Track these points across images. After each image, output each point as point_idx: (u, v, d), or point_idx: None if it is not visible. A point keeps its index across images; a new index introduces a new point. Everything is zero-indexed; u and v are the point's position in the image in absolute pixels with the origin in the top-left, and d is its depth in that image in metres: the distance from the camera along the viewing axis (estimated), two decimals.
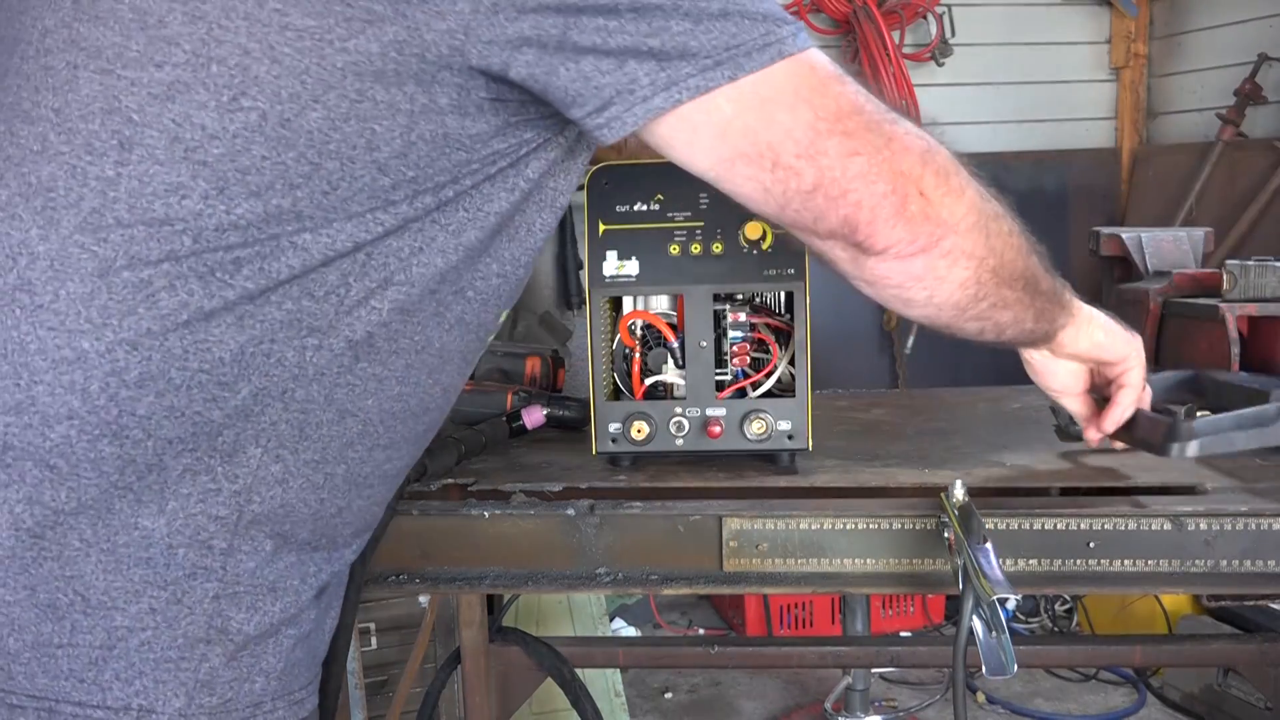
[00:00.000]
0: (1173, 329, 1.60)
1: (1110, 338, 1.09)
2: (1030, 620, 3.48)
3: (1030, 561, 1.11)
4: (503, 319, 0.97)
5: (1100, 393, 1.16)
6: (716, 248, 1.20)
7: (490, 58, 0.75)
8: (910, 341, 3.86)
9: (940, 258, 0.86)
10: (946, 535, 1.06)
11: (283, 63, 0.73)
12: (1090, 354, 1.10)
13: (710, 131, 0.79)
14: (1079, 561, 1.11)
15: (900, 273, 0.87)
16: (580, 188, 1.17)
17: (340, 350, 0.81)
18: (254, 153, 0.74)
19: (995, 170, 3.51)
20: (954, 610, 1.38)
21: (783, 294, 1.27)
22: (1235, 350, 1.48)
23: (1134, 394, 1.12)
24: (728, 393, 1.23)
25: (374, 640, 2.60)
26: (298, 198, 0.76)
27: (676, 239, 1.20)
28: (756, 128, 0.78)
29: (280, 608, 0.86)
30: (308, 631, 0.90)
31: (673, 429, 1.22)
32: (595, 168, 1.23)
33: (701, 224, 1.20)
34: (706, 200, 1.21)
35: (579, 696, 1.80)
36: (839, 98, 0.80)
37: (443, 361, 0.89)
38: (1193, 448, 1.09)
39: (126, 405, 0.77)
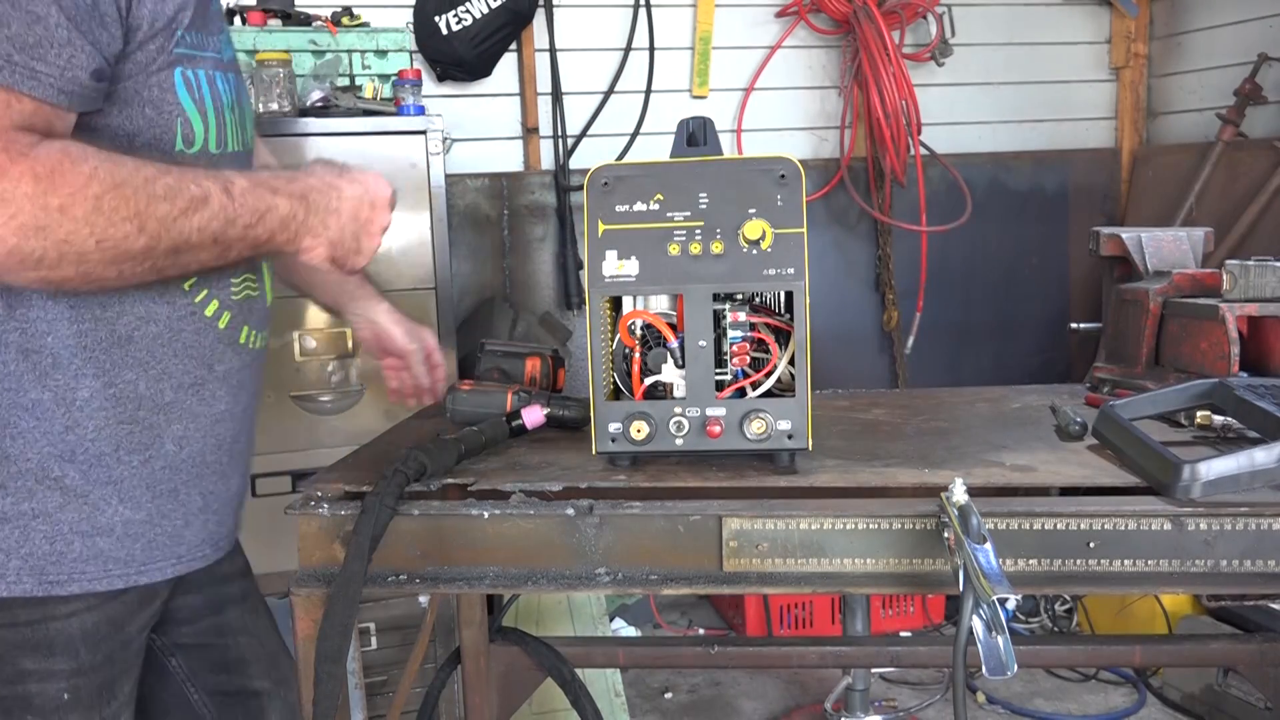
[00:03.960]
0: (1173, 329, 1.60)
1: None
2: (1030, 620, 3.48)
3: (1030, 561, 1.11)
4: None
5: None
6: (716, 247, 1.20)
7: None
8: (910, 341, 3.86)
9: None
10: (946, 535, 1.06)
11: None
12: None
13: None
14: (1079, 561, 1.11)
15: None
16: (580, 188, 1.18)
17: None
18: None
19: (995, 170, 3.50)
20: (954, 610, 1.38)
21: (782, 294, 1.27)
22: (1235, 350, 1.47)
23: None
24: (727, 393, 1.23)
25: (374, 640, 2.60)
26: None
27: (676, 239, 1.20)
28: None
29: None
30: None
31: (672, 429, 1.22)
32: (595, 168, 1.23)
33: (701, 224, 1.20)
34: (706, 200, 1.21)
35: (579, 696, 1.80)
36: None
37: None
38: (1198, 490, 1.10)
39: None
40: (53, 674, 1.15)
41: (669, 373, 1.24)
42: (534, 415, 1.42)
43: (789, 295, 1.23)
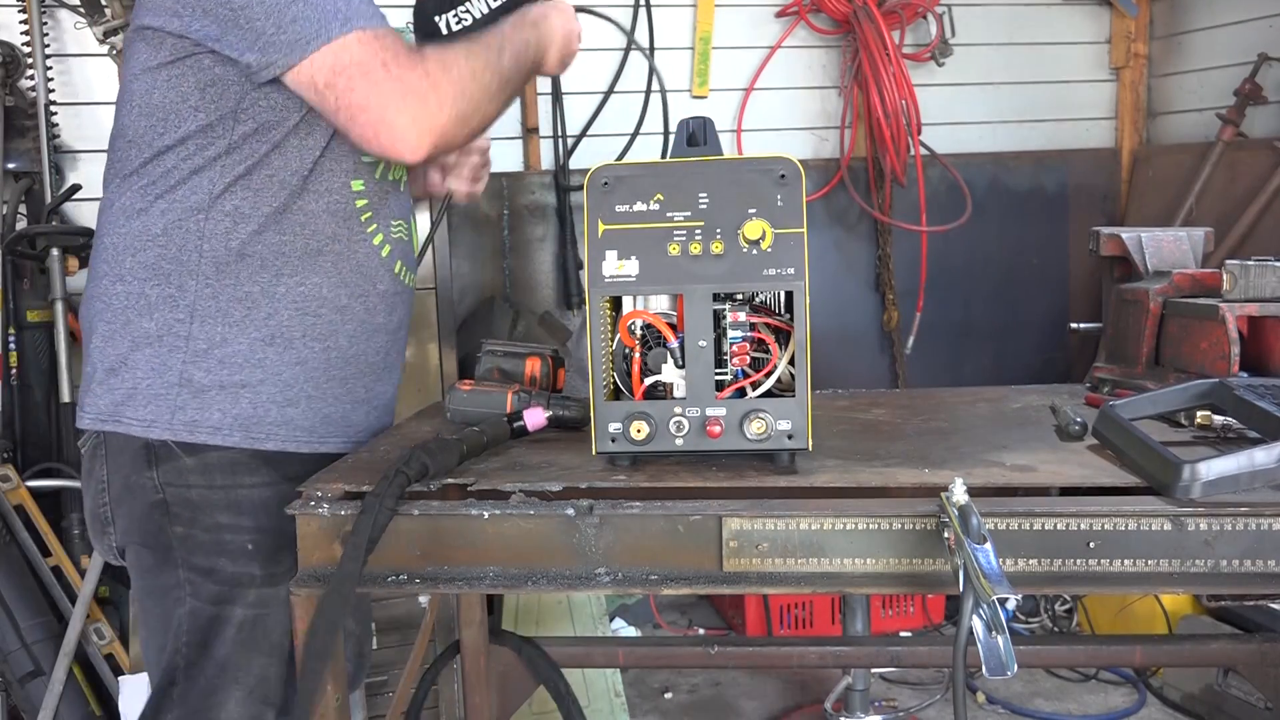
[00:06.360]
0: (1173, 329, 1.60)
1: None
2: (1030, 620, 3.48)
3: (1030, 561, 1.11)
4: None
5: None
6: (716, 247, 1.20)
7: None
8: (910, 341, 3.86)
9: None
10: (946, 535, 1.06)
11: None
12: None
13: None
14: (1079, 561, 1.11)
15: None
16: (580, 188, 1.18)
17: None
18: None
19: (995, 170, 3.49)
20: (954, 610, 1.38)
21: (782, 294, 1.26)
22: (1235, 350, 1.47)
23: None
24: (727, 392, 1.23)
25: (374, 640, 2.60)
26: None
27: (676, 239, 1.20)
28: None
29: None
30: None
31: (673, 429, 1.22)
32: (595, 168, 1.23)
33: (701, 224, 1.20)
34: (706, 200, 1.21)
35: (569, 706, 1.80)
36: None
37: None
38: (1198, 490, 1.10)
39: None
40: (241, 528, 1.43)
41: (669, 373, 1.24)
42: (536, 417, 1.42)
43: (789, 295, 1.23)
